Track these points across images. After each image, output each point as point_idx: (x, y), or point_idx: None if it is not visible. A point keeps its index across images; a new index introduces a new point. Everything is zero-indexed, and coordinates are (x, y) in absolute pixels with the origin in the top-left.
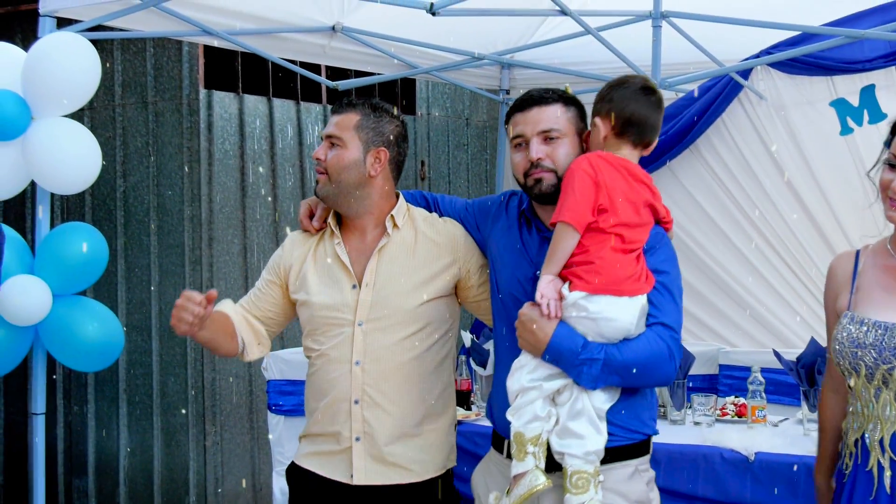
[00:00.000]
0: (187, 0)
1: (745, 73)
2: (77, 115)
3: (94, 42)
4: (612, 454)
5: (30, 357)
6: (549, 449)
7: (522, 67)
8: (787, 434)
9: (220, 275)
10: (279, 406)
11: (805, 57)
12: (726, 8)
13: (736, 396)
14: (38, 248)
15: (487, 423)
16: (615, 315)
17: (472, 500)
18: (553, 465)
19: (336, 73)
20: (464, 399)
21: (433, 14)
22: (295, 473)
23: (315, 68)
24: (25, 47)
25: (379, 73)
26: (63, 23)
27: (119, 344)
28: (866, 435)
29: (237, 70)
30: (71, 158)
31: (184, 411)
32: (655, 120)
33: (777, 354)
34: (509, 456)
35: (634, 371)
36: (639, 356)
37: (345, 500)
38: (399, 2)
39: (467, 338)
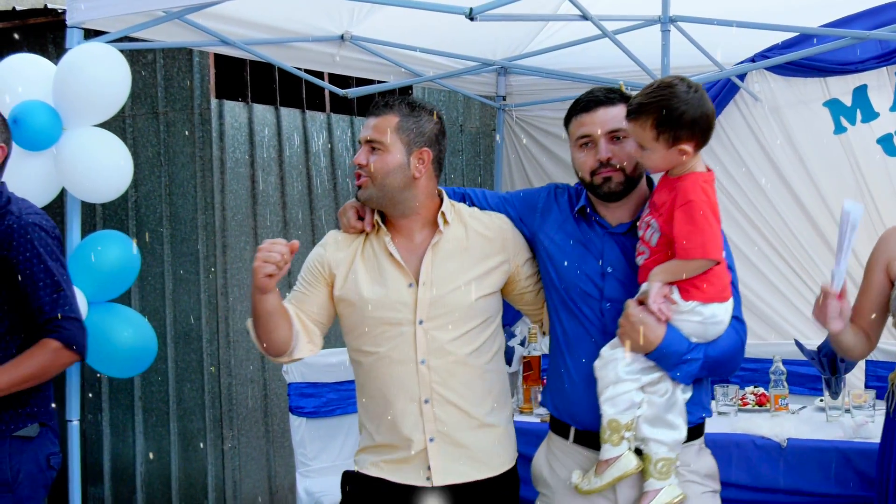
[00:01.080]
0: (206, 12)
1: (741, 75)
2: None
3: None
4: None
5: None
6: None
7: (519, 74)
8: (812, 421)
9: (234, 281)
10: (301, 408)
11: (799, 59)
12: (724, 11)
13: (755, 386)
14: (71, 256)
15: (515, 417)
16: (721, 318)
17: None
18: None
19: (338, 82)
20: None
21: (472, 19)
22: (357, 482)
23: (319, 77)
24: (52, 58)
25: (383, 81)
26: (89, 34)
27: (153, 350)
28: None
29: (246, 80)
30: (102, 167)
31: (200, 417)
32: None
33: (799, 345)
34: (577, 441)
35: (721, 365)
36: (725, 351)
37: None
38: (439, 7)
39: None
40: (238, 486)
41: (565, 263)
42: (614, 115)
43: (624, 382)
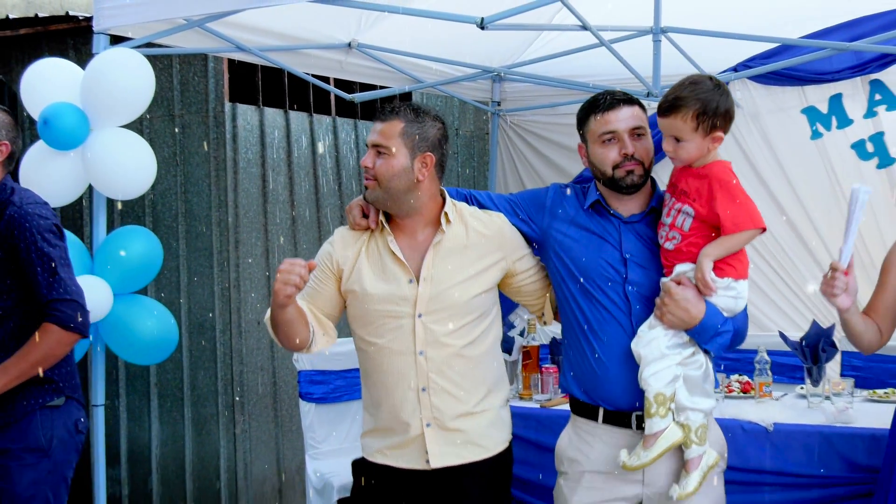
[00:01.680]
0: (223, 20)
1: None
2: None
3: None
4: None
5: (90, 352)
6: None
7: (513, 81)
8: (796, 407)
9: (246, 275)
10: (310, 395)
11: (779, 69)
12: (711, 23)
13: (740, 375)
14: (97, 250)
15: (515, 402)
16: (745, 294)
17: None
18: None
19: (344, 87)
20: None
21: (482, 28)
22: (366, 468)
23: (326, 82)
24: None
25: (386, 87)
26: (114, 40)
27: (174, 339)
28: None
29: (258, 84)
30: (128, 166)
31: (213, 403)
32: None
33: (783, 336)
34: (606, 421)
35: (740, 336)
36: (744, 324)
37: (423, 486)
38: (452, 17)
39: None
40: (249, 468)
41: (584, 254)
42: (636, 114)
43: (666, 357)
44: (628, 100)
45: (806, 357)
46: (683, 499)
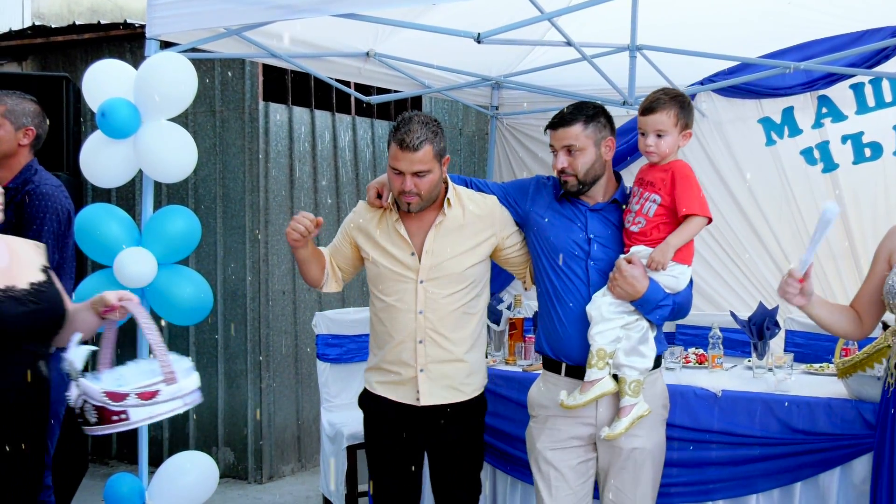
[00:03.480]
0: (259, 30)
1: (692, 95)
2: None
3: None
4: None
5: None
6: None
7: (510, 89)
8: (742, 377)
9: (273, 251)
10: (326, 356)
11: (739, 83)
12: (680, 41)
13: (697, 348)
14: (145, 226)
15: (501, 367)
16: (687, 276)
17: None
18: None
19: (363, 90)
20: None
21: (479, 42)
22: (369, 399)
23: (347, 86)
24: (129, 63)
25: (398, 91)
26: (163, 45)
27: (209, 304)
28: None
29: (287, 86)
30: (173, 154)
31: (243, 361)
32: None
33: (734, 315)
34: (567, 374)
35: (682, 309)
36: (686, 301)
37: (413, 418)
38: (452, 32)
39: None
40: (272, 417)
41: (555, 234)
42: (570, 133)
43: (611, 321)
44: (566, 121)
45: (753, 334)
46: (610, 439)
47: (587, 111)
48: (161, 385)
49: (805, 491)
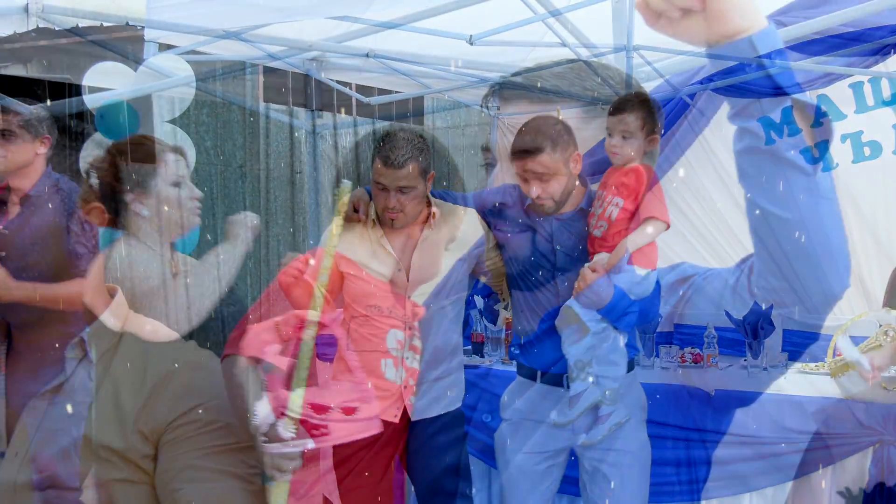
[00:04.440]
0: (257, 33)
1: (691, 95)
2: None
3: None
4: None
5: None
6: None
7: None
8: (736, 376)
9: (273, 252)
10: (326, 355)
11: (738, 83)
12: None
13: (693, 347)
14: None
15: (499, 367)
16: (652, 280)
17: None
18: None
19: (363, 91)
20: (478, 349)
21: (471, 44)
22: None
23: (347, 87)
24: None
25: (399, 91)
26: (162, 47)
27: None
28: None
29: (288, 87)
30: None
31: None
32: None
33: (728, 315)
34: (543, 381)
35: (649, 316)
36: (651, 306)
37: (397, 432)
38: (443, 34)
39: (480, 302)
40: None
41: (523, 246)
42: (540, 162)
43: (581, 330)
44: (530, 151)
45: (747, 333)
46: (587, 446)
47: (551, 135)
48: (358, 403)
49: (798, 489)
